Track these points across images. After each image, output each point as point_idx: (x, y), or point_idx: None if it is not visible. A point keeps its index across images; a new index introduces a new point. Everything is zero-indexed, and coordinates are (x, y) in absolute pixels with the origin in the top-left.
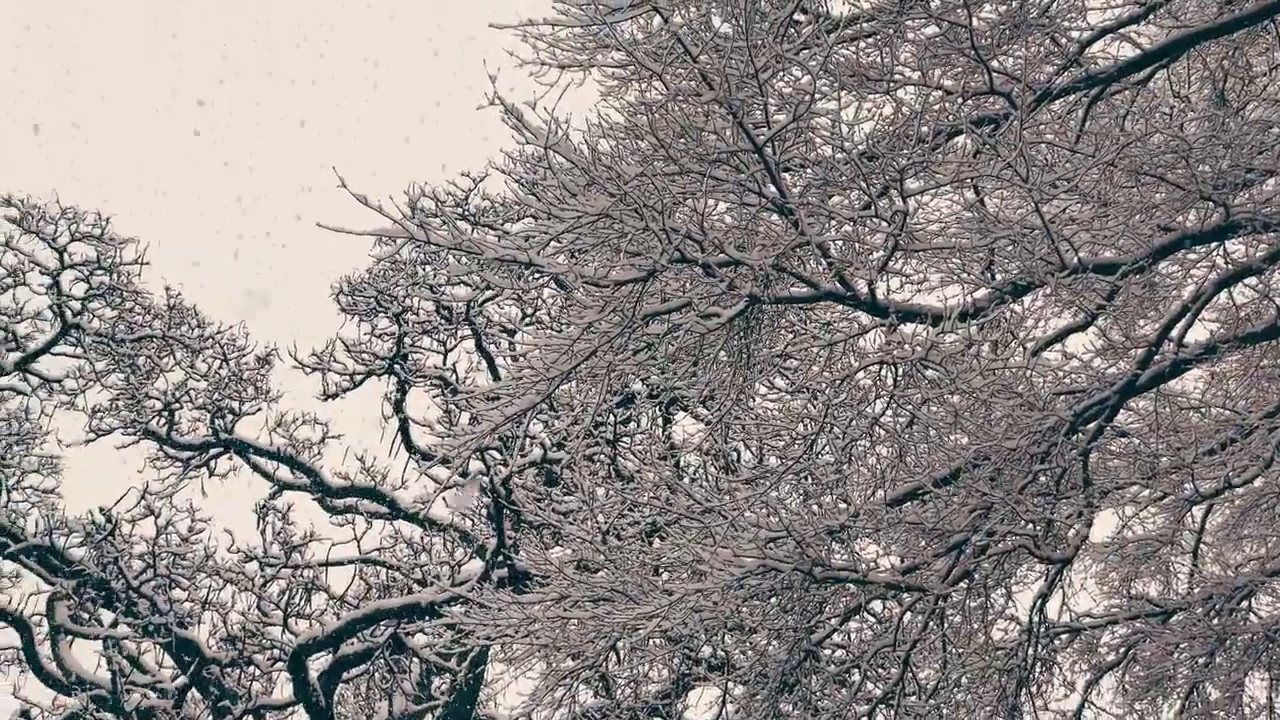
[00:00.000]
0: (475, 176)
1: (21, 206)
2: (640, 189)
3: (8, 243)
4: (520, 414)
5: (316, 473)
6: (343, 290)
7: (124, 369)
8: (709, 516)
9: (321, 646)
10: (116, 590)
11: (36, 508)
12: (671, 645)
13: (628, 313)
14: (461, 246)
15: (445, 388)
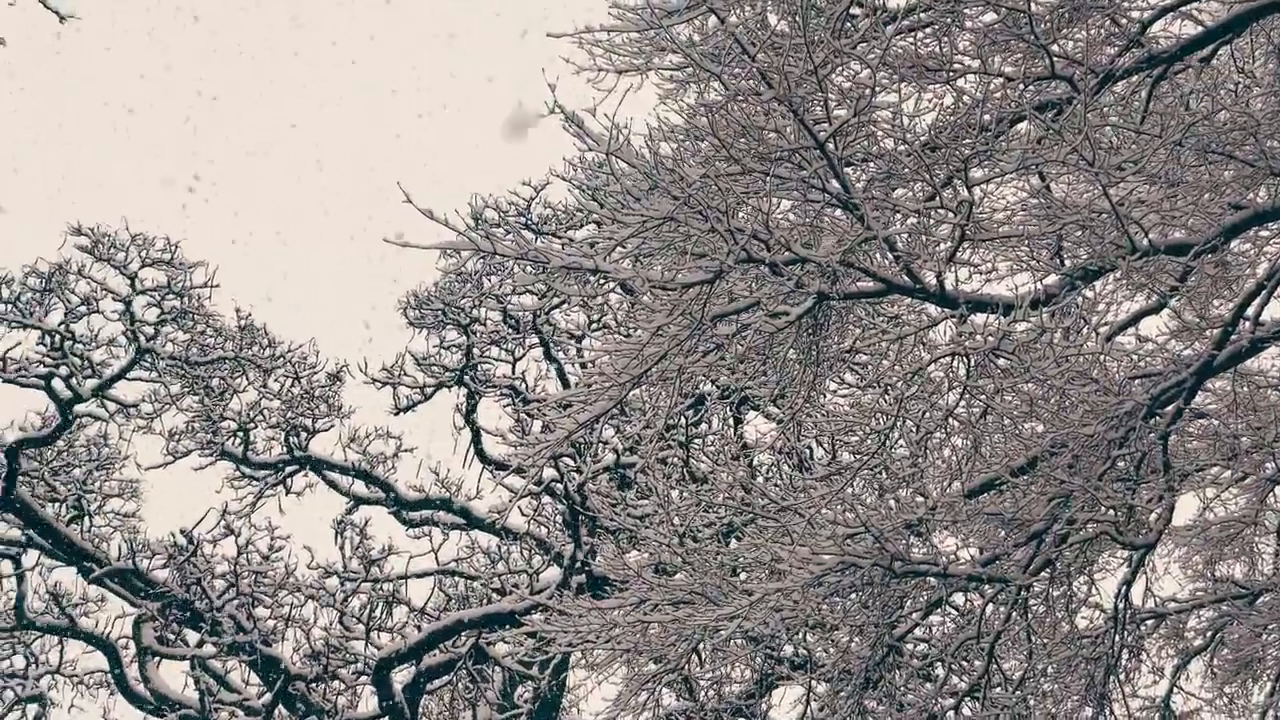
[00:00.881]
0: (536, 185)
1: (92, 235)
2: (703, 191)
3: (80, 271)
4: (593, 420)
5: (391, 486)
6: (410, 304)
7: (198, 391)
8: (785, 515)
9: (404, 659)
10: (201, 610)
11: (119, 531)
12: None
13: (696, 315)
14: (528, 256)
15: (515, 397)
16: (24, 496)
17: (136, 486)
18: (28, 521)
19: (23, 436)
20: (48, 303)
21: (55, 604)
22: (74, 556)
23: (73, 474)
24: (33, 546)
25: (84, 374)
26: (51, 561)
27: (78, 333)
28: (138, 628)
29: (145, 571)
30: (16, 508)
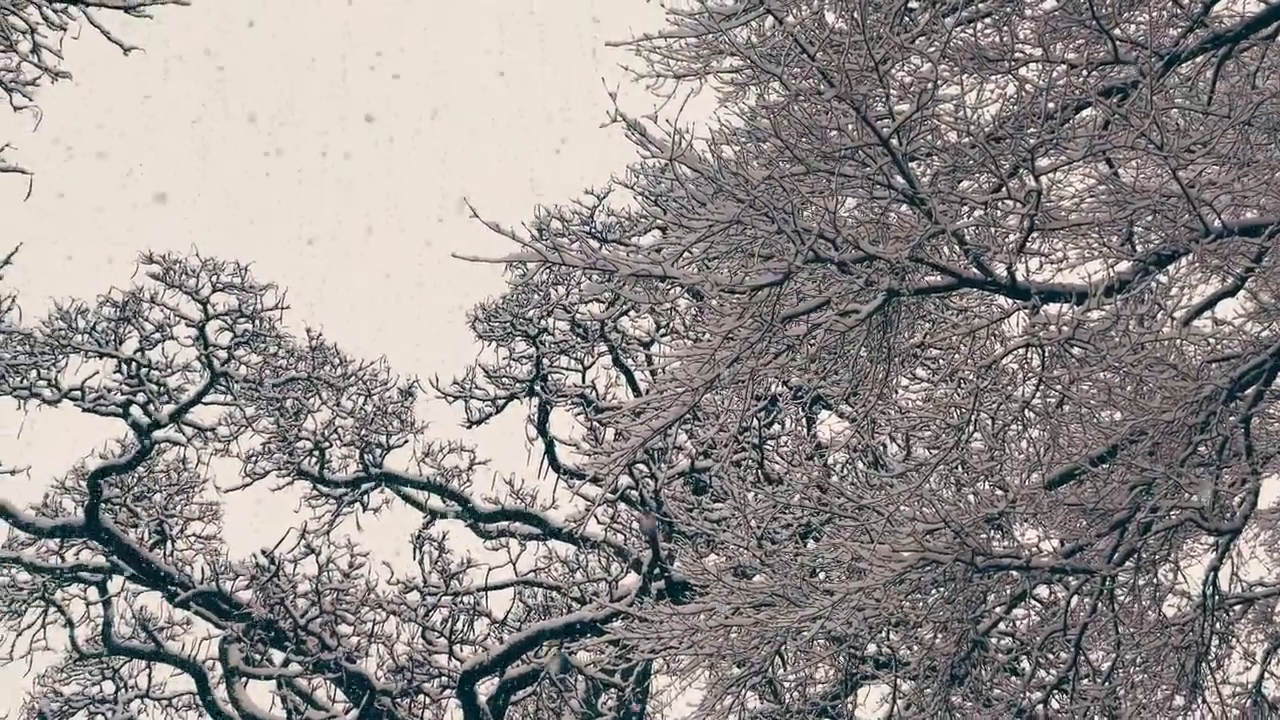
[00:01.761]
0: (599, 193)
1: (163, 262)
2: (768, 192)
3: (154, 298)
4: (666, 426)
5: (467, 499)
6: (478, 317)
7: (273, 412)
8: (863, 513)
9: (488, 671)
10: (285, 629)
11: (201, 554)
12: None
13: (766, 316)
14: (596, 266)
15: (587, 405)
16: (107, 523)
17: (216, 509)
18: (112, 548)
19: (104, 464)
20: (123, 331)
21: (142, 628)
22: (158, 581)
23: (154, 499)
24: (118, 572)
25: (161, 400)
26: (137, 586)
27: (153, 360)
28: (224, 649)
29: (229, 593)
30: (101, 535)
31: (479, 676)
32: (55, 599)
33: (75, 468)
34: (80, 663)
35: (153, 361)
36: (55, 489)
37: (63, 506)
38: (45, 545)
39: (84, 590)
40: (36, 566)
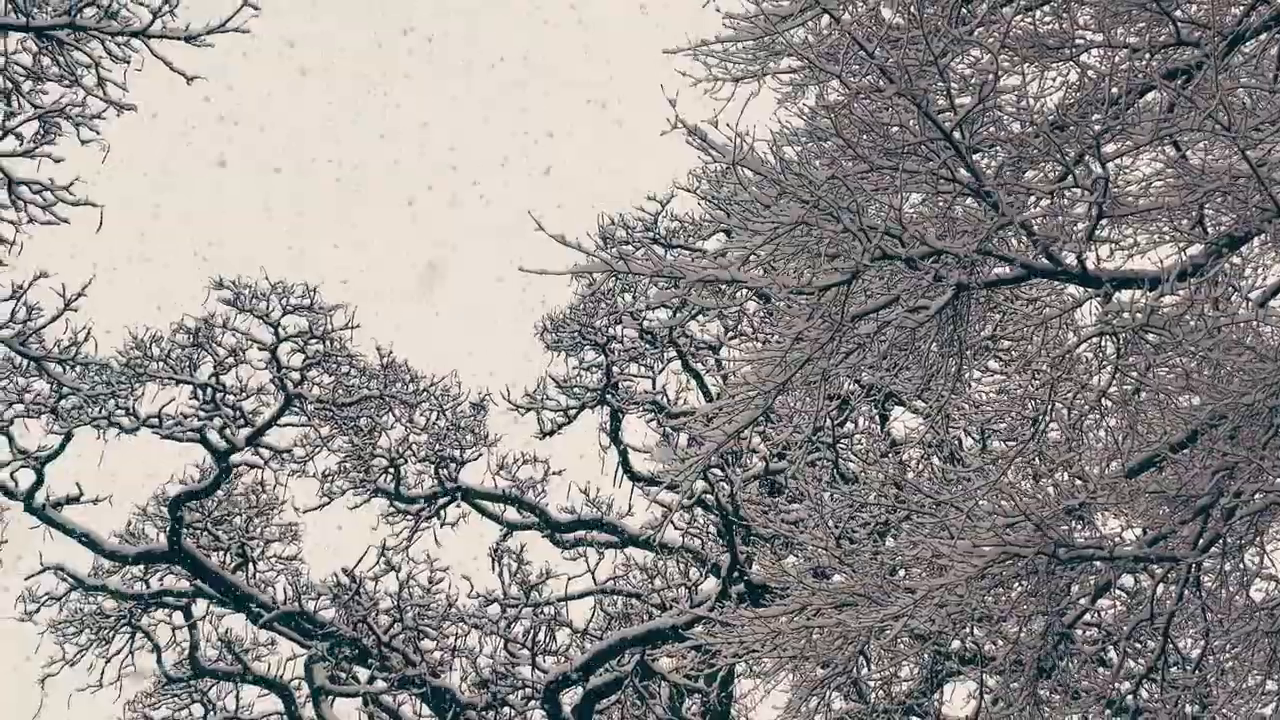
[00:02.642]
0: (661, 199)
1: (234, 287)
2: (832, 191)
3: (225, 324)
4: (740, 431)
5: (543, 510)
6: (546, 328)
7: (348, 431)
8: (942, 509)
9: (571, 681)
10: (369, 647)
11: (282, 575)
12: (919, 642)
13: (835, 316)
14: (663, 273)
15: (659, 411)
16: (189, 548)
17: (296, 530)
18: (195, 572)
19: (184, 489)
20: (197, 357)
21: (228, 651)
22: (242, 603)
23: (234, 522)
24: (202, 596)
25: (237, 424)
26: (221, 609)
27: (228, 384)
28: (309, 668)
29: (312, 613)
30: (184, 559)
31: (563, 687)
32: (142, 625)
33: (156, 494)
34: (168, 687)
35: (227, 386)
36: (137, 516)
37: (145, 533)
38: (130, 572)
39: (169, 615)
40: (122, 593)
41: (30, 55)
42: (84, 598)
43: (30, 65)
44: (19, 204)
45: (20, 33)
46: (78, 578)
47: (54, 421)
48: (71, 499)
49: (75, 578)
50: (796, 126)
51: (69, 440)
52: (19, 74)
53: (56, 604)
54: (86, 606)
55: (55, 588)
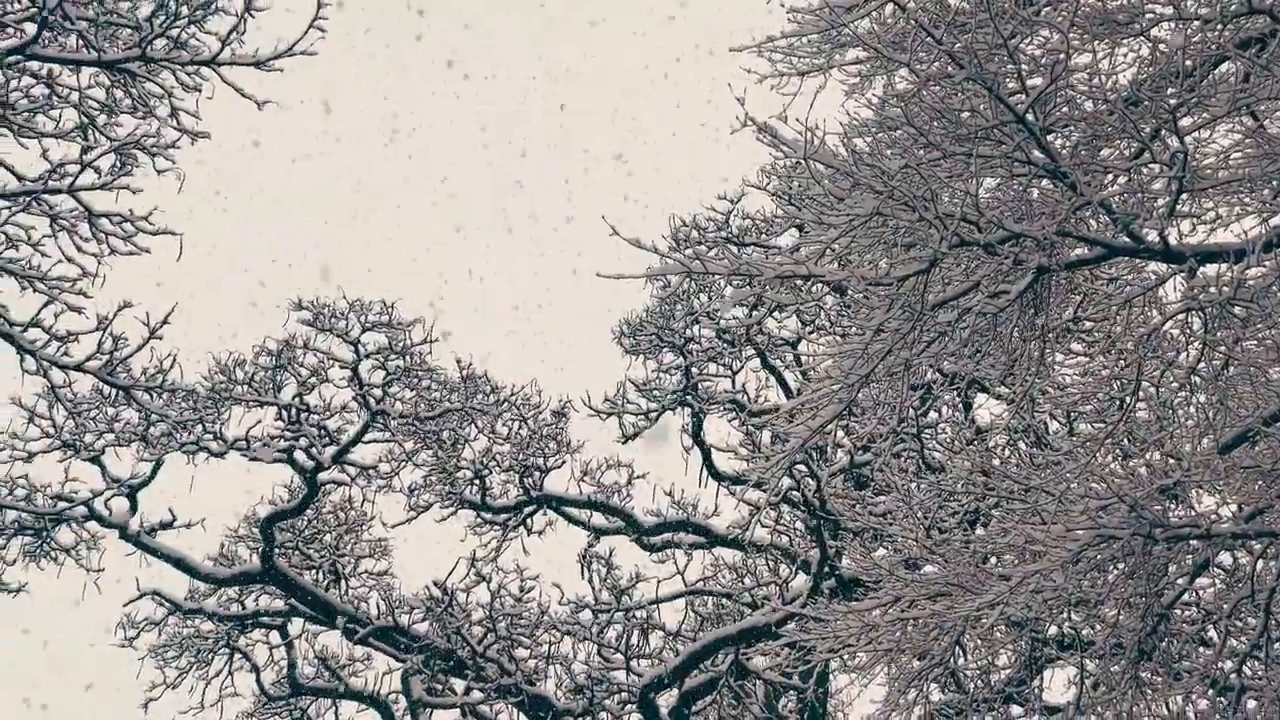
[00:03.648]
0: (732, 197)
1: (313, 307)
2: (905, 181)
3: (306, 344)
4: (825, 426)
5: (629, 514)
6: (623, 332)
7: (431, 445)
8: (1032, 494)
9: (667, 683)
10: (464, 658)
11: (375, 590)
12: (1016, 630)
13: (914, 306)
14: (739, 271)
15: (740, 410)
16: (282, 567)
17: (385, 545)
18: (289, 591)
19: (274, 510)
20: (280, 379)
21: (325, 667)
22: (336, 619)
23: (324, 540)
24: (296, 614)
25: (322, 443)
26: (316, 627)
27: (311, 404)
28: (406, 681)
29: (406, 626)
30: (277, 579)
31: (658, 689)
32: (239, 645)
33: (247, 516)
34: (268, 706)
35: (311, 406)
36: (229, 538)
37: (238, 555)
38: (225, 594)
39: (266, 635)
40: (219, 615)
41: (104, 89)
42: (182, 621)
43: (104, 99)
44: (100, 236)
45: (93, 67)
46: (175, 602)
47: (144, 449)
48: (165, 524)
49: (172, 602)
50: (866, 117)
51: (159, 467)
52: (94, 108)
53: (155, 629)
54: (185, 630)
55: (153, 613)
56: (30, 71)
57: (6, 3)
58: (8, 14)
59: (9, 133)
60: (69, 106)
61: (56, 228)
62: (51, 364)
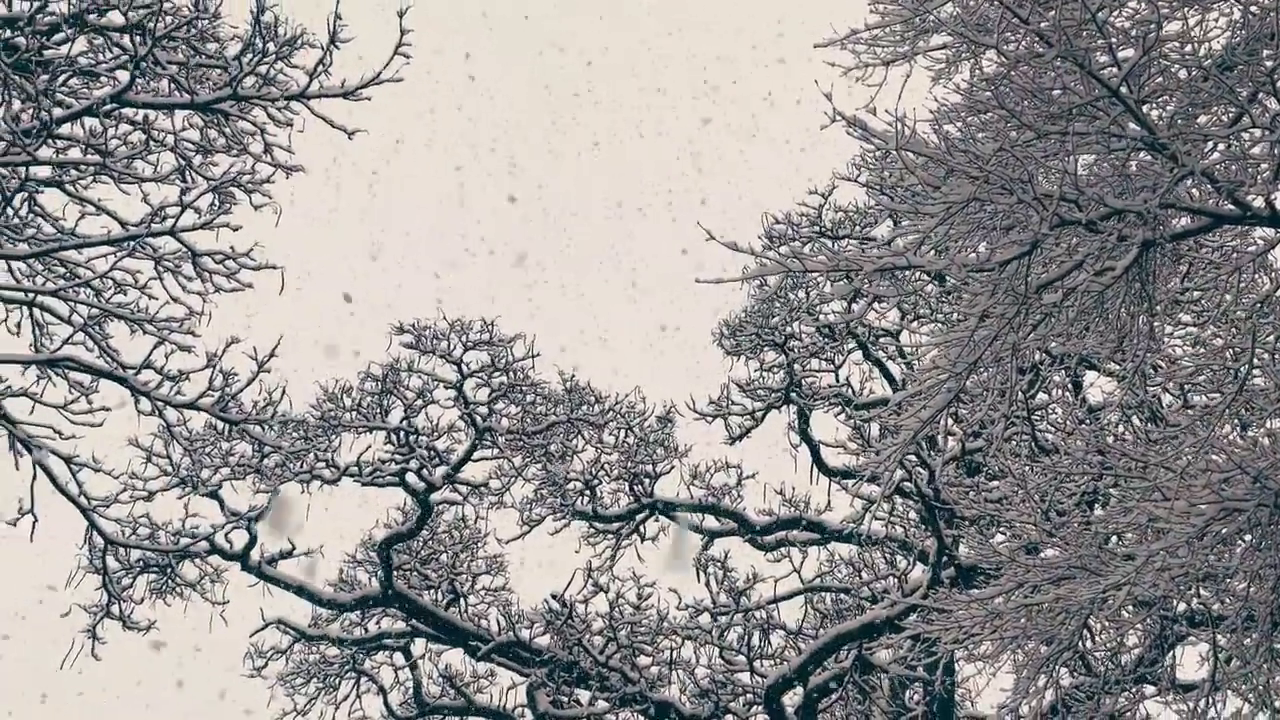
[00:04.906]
0: (823, 191)
1: (414, 330)
2: (1000, 164)
3: (410, 366)
4: (935, 416)
5: (741, 515)
6: (723, 334)
7: (540, 459)
8: (1150, 471)
9: (791, 682)
10: (586, 669)
11: (494, 606)
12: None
13: (1019, 289)
14: (839, 267)
15: (845, 404)
16: (402, 589)
17: (501, 561)
18: (410, 612)
19: (390, 533)
20: (387, 403)
21: (450, 686)
22: (458, 638)
23: (441, 560)
24: (419, 635)
25: (433, 464)
26: (439, 646)
27: (419, 426)
28: (531, 695)
29: (527, 641)
30: (398, 601)
31: (783, 689)
32: (365, 669)
33: (363, 540)
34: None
35: (419, 428)
36: (348, 563)
37: (358, 579)
38: (348, 618)
39: (390, 656)
40: (343, 640)
41: (198, 130)
42: (307, 648)
43: (199, 140)
44: (204, 275)
45: (186, 109)
46: (299, 629)
47: (259, 481)
48: (284, 554)
49: (297, 629)
50: (955, 103)
51: (275, 497)
52: (189, 149)
53: (282, 657)
54: (310, 656)
55: (279, 641)
56: (126, 118)
57: (99, 51)
58: (101, 63)
59: (110, 180)
60: (166, 150)
61: (161, 269)
62: (165, 404)
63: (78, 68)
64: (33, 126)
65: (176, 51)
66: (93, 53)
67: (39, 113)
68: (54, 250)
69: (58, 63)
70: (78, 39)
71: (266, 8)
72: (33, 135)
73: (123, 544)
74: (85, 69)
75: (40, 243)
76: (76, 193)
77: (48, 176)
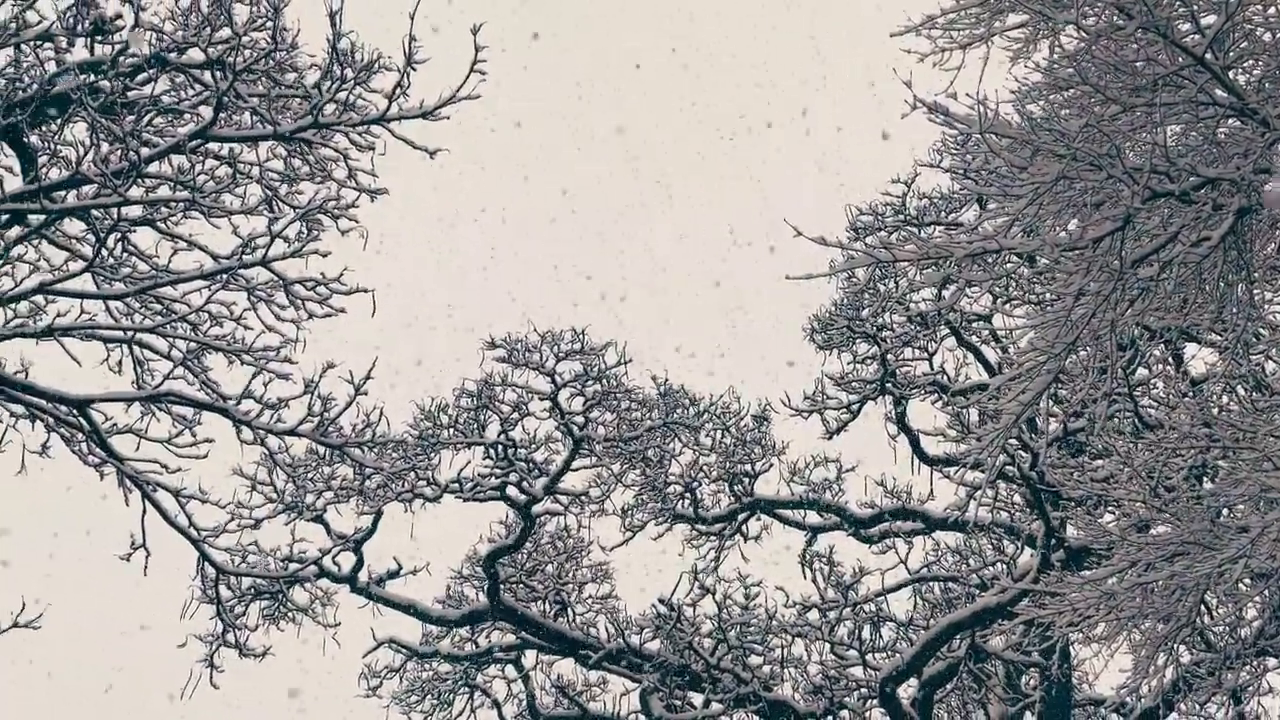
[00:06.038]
0: (905, 179)
1: (506, 344)
2: (1088, 140)
3: (504, 380)
4: (1036, 398)
5: (843, 509)
6: (814, 329)
7: (638, 465)
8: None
9: (905, 675)
10: (698, 671)
11: (601, 614)
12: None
13: (1113, 265)
14: (929, 255)
15: (942, 391)
16: (509, 602)
17: (606, 568)
18: (519, 624)
19: (494, 547)
20: (483, 418)
21: (563, 696)
22: (568, 647)
23: (546, 571)
24: (529, 646)
25: (532, 476)
26: (549, 657)
27: (517, 439)
28: (645, 700)
29: (637, 646)
30: (506, 614)
31: (898, 681)
32: (478, 683)
33: (468, 556)
34: None
35: (517, 441)
36: (454, 579)
37: (465, 595)
38: (458, 634)
39: (502, 670)
40: (455, 656)
41: (281, 160)
42: (420, 666)
43: (283, 169)
44: (296, 303)
45: (270, 140)
46: (411, 648)
47: (363, 503)
48: (392, 574)
49: (409, 648)
50: (1035, 82)
51: (379, 518)
52: (275, 179)
53: (396, 676)
54: (424, 674)
55: (392, 660)
56: (212, 153)
57: (181, 89)
58: (184, 100)
59: (200, 214)
60: (252, 182)
61: (255, 300)
62: (267, 432)
63: (162, 107)
64: (122, 167)
65: (257, 84)
66: (175, 91)
67: (127, 153)
68: (150, 288)
69: (142, 103)
70: (160, 79)
71: (343, 34)
72: (122, 176)
73: (234, 573)
74: (169, 107)
75: (136, 281)
76: (168, 229)
77: (139, 215)
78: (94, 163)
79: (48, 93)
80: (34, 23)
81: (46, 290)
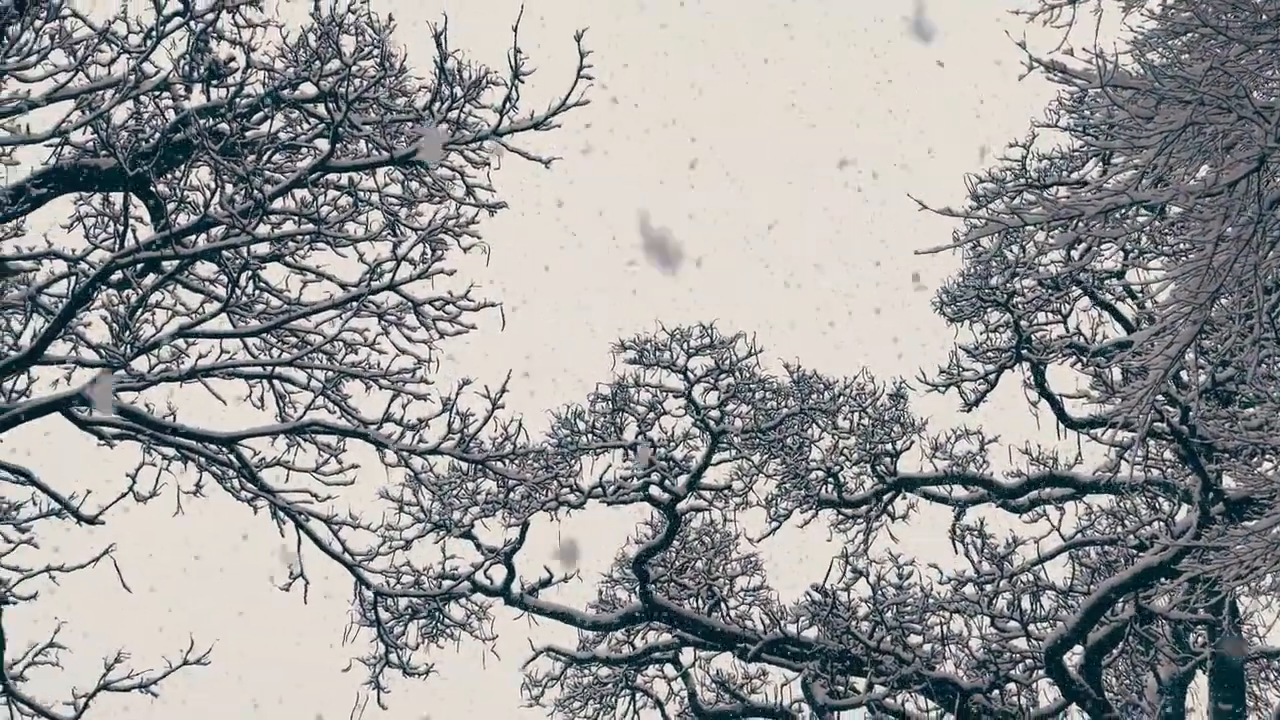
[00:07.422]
0: (1024, 142)
1: (635, 345)
2: (1215, 84)
3: (637, 381)
4: (1183, 350)
5: (989, 480)
6: (944, 301)
7: (778, 453)
8: None
9: (1070, 642)
10: (858, 655)
11: (755, 606)
12: None
13: (1252, 209)
14: (1060, 215)
15: (1081, 353)
16: (662, 601)
17: (756, 560)
18: (674, 623)
19: (643, 547)
20: (620, 420)
21: (724, 690)
22: (725, 642)
23: (696, 567)
24: (686, 644)
25: (674, 474)
26: (707, 652)
27: (655, 438)
28: (807, 689)
29: (795, 635)
30: (660, 614)
31: (1063, 650)
32: (638, 684)
33: (617, 558)
34: None
35: (655, 440)
36: (605, 583)
37: (617, 598)
38: (614, 637)
39: (661, 669)
40: (613, 659)
41: (399, 184)
42: (579, 671)
43: (402, 193)
44: (427, 323)
45: (387, 166)
46: (569, 654)
47: (509, 515)
48: (544, 583)
49: (567, 655)
50: (1151, 30)
51: (527, 529)
52: (394, 204)
53: (556, 683)
54: (584, 679)
55: (552, 668)
56: (332, 184)
57: (296, 124)
58: (300, 135)
59: (326, 245)
60: (373, 208)
61: (386, 324)
62: (410, 453)
63: (280, 143)
64: (248, 206)
65: (369, 112)
66: (291, 127)
67: (251, 192)
68: (284, 322)
69: (261, 142)
70: (276, 116)
71: (449, 54)
72: (249, 215)
73: (391, 594)
74: (287, 143)
75: (270, 316)
76: (296, 263)
77: (267, 252)
78: (220, 204)
79: (170, 140)
80: (151, 74)
81: (186, 333)
